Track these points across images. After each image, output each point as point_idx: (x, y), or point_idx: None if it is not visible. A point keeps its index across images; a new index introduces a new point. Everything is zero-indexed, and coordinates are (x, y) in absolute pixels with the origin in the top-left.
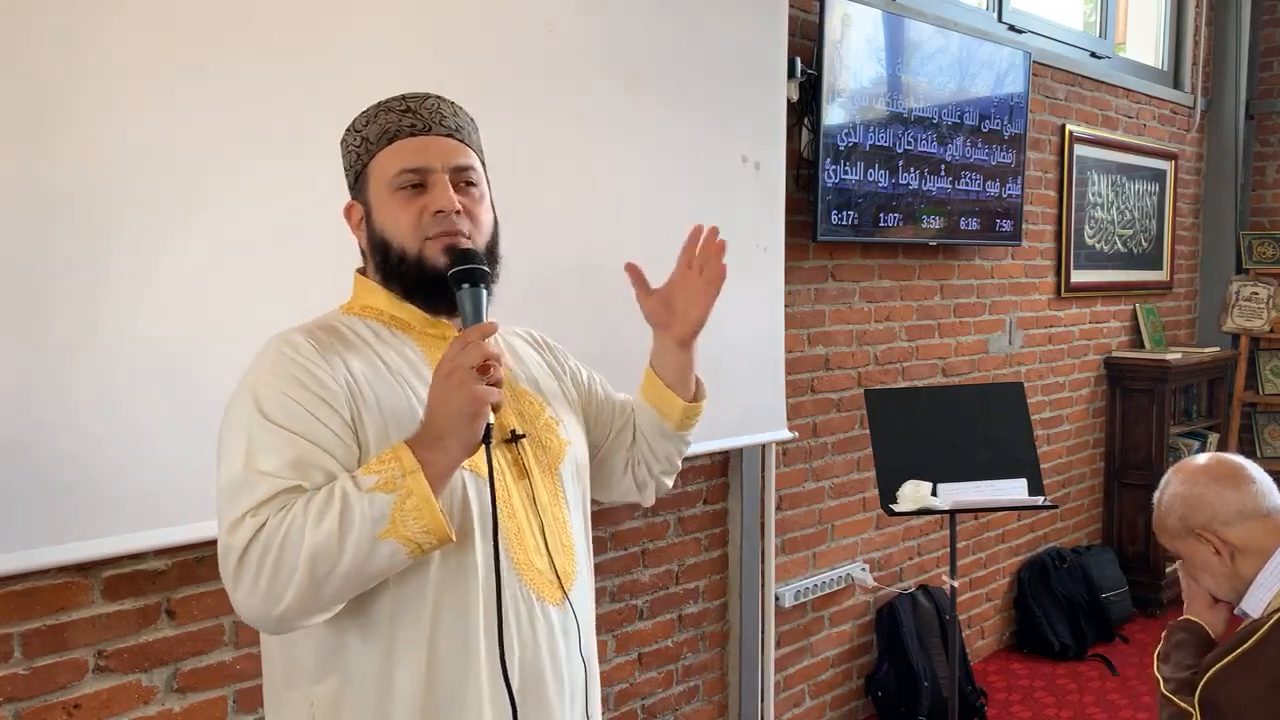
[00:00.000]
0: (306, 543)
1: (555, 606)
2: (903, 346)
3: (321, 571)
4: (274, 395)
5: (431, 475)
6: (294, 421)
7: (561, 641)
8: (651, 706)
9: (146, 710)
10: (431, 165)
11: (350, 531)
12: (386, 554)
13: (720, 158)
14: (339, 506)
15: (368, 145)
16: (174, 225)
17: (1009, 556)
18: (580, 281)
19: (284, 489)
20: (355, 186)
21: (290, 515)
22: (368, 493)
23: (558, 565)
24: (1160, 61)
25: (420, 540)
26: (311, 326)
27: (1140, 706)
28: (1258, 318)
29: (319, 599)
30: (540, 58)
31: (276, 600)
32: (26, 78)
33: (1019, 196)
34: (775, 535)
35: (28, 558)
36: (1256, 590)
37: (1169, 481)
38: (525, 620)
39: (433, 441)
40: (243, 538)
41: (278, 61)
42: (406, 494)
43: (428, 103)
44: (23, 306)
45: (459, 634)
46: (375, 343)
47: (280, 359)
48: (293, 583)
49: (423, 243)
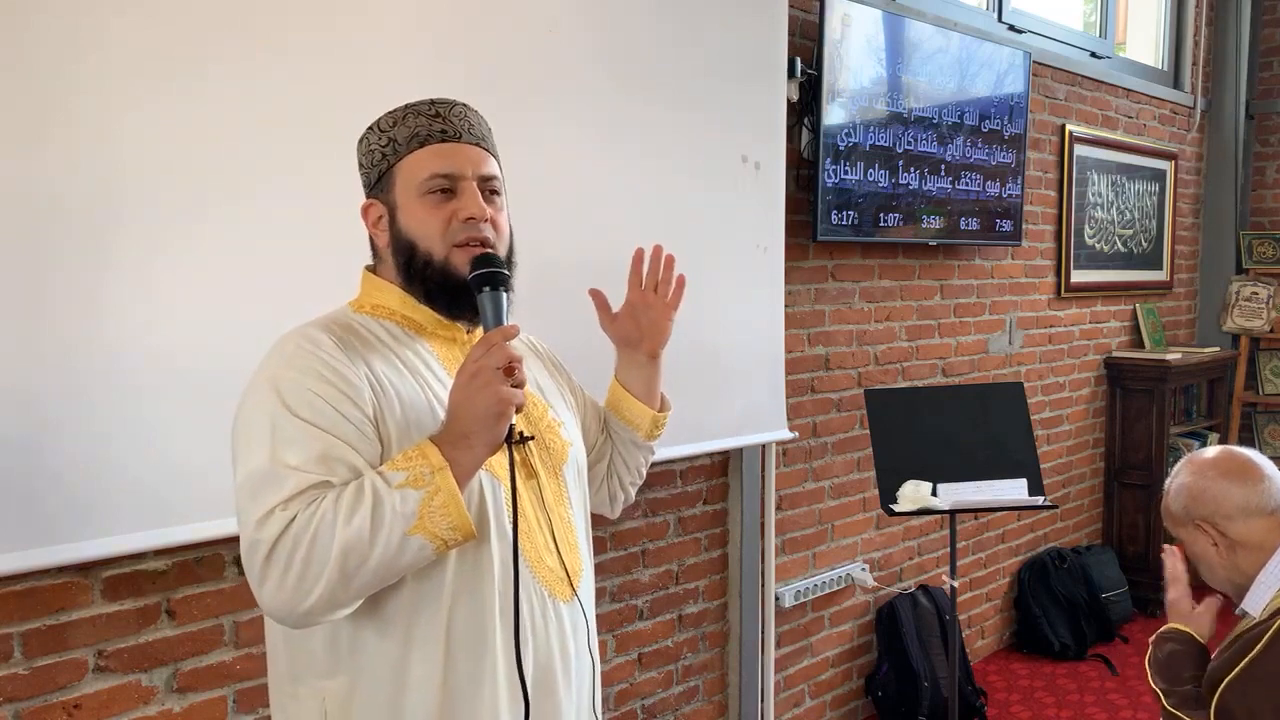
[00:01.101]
0: (338, 538)
1: (565, 603)
2: (903, 346)
3: (352, 566)
4: (297, 389)
5: (458, 473)
6: (318, 416)
7: (571, 638)
8: (651, 706)
9: (146, 710)
10: (463, 172)
11: (382, 527)
12: (414, 549)
13: (720, 158)
14: (370, 502)
15: (395, 146)
16: (174, 225)
17: (1009, 556)
18: (580, 282)
19: (312, 484)
20: (377, 185)
21: (320, 510)
22: (398, 489)
23: (567, 563)
24: (1160, 61)
25: (446, 536)
26: (328, 322)
27: (1140, 706)
28: (1258, 318)
29: (347, 593)
30: (541, 58)
31: (305, 595)
32: (28, 79)
33: (1019, 196)
34: (775, 535)
35: (28, 558)
36: (1257, 589)
37: (1180, 470)
38: (539, 616)
39: (458, 440)
40: (272, 531)
41: (281, 62)
42: (435, 491)
43: (455, 110)
44: (23, 306)
45: (475, 629)
46: (392, 342)
47: (300, 353)
48: (323, 577)
49: (449, 249)
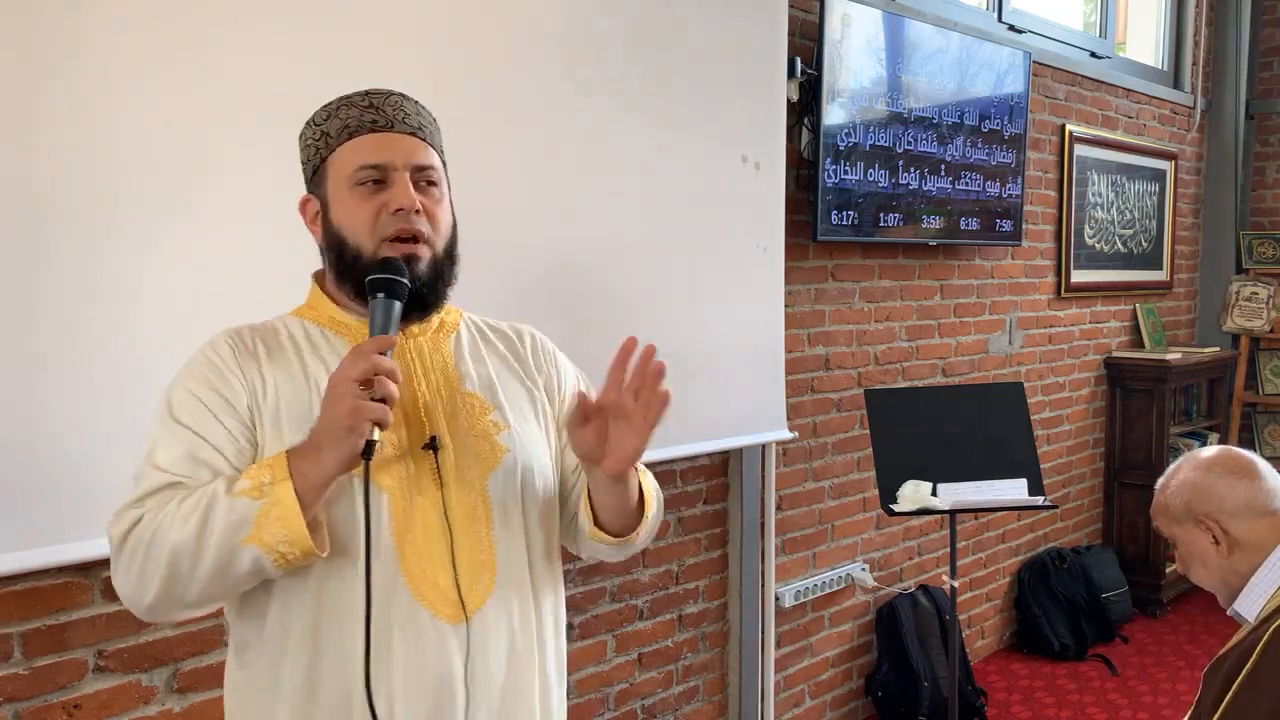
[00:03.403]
0: (170, 540)
1: (452, 625)
2: (903, 346)
3: (183, 570)
4: (183, 394)
5: (302, 486)
6: (193, 418)
7: (459, 661)
8: (651, 706)
9: (146, 710)
10: (393, 162)
11: (210, 534)
12: (248, 560)
13: (720, 158)
14: (203, 508)
15: (327, 139)
16: (174, 225)
17: (1009, 556)
18: (579, 282)
19: (168, 483)
20: (312, 181)
21: (165, 512)
22: (233, 497)
23: (461, 583)
24: (1160, 61)
25: (283, 550)
26: (244, 327)
27: (1140, 706)
28: (1258, 318)
29: (185, 596)
30: (540, 58)
31: (144, 591)
32: (19, 76)
33: (1019, 196)
34: (775, 535)
35: (28, 558)
36: (1251, 591)
37: (1179, 468)
38: (411, 640)
39: (310, 452)
40: (121, 528)
41: (272, 61)
42: (272, 502)
43: (390, 99)
44: (24, 306)
45: (342, 650)
46: (305, 347)
47: (198, 359)
48: (157, 577)
49: (379, 243)
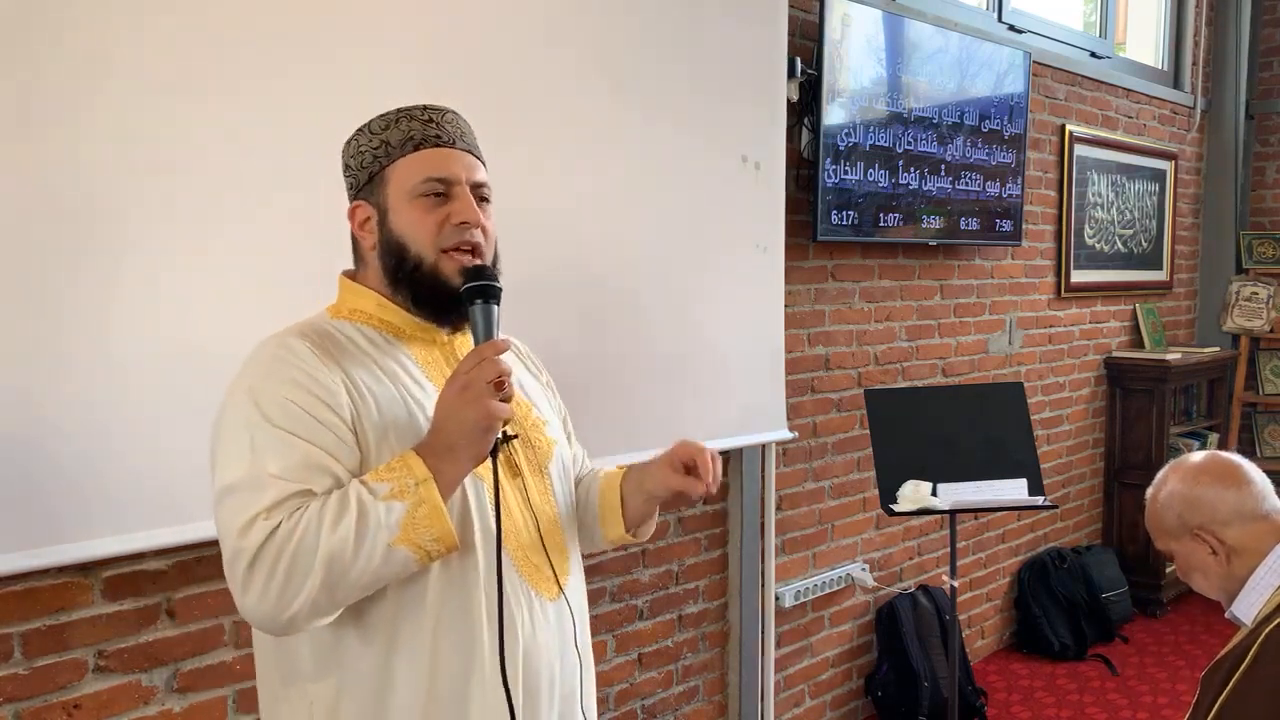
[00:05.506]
0: (322, 547)
1: (552, 601)
2: (903, 346)
3: (336, 575)
4: (274, 398)
5: (441, 484)
6: (296, 424)
7: (558, 636)
8: (651, 706)
9: (146, 710)
10: (458, 177)
11: (366, 538)
12: (399, 561)
13: (720, 158)
14: (355, 512)
15: (388, 149)
16: (173, 224)
17: (1009, 556)
18: (579, 282)
19: (294, 492)
20: (366, 187)
21: (305, 519)
22: (382, 500)
23: (554, 561)
24: (1160, 61)
25: (430, 548)
26: (305, 329)
27: (1140, 706)
28: (1258, 318)
29: (330, 602)
30: (540, 58)
31: (288, 603)
32: (34, 79)
33: (1019, 196)
34: (775, 535)
35: (28, 558)
36: (1248, 594)
37: (1165, 479)
38: (526, 616)
39: (444, 452)
40: (255, 540)
41: (285, 65)
42: (419, 502)
43: (448, 116)
44: (24, 306)
45: (462, 632)
46: (370, 348)
47: (277, 362)
48: (306, 586)
49: (439, 254)
